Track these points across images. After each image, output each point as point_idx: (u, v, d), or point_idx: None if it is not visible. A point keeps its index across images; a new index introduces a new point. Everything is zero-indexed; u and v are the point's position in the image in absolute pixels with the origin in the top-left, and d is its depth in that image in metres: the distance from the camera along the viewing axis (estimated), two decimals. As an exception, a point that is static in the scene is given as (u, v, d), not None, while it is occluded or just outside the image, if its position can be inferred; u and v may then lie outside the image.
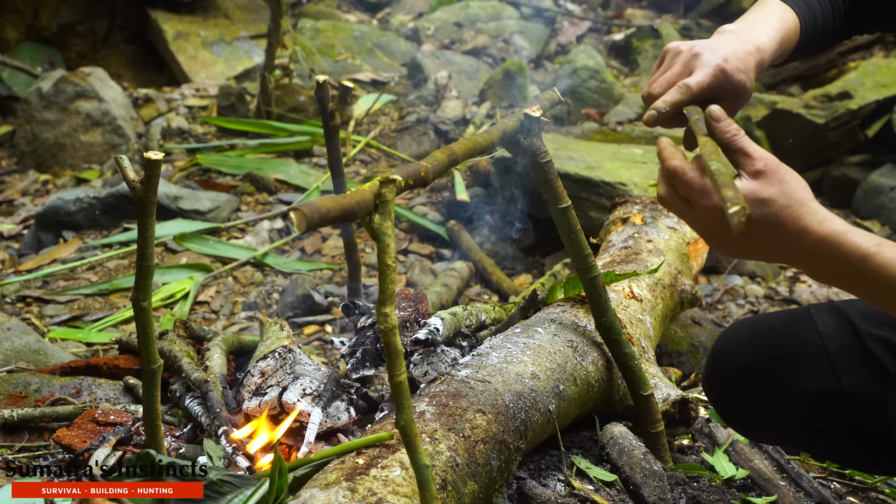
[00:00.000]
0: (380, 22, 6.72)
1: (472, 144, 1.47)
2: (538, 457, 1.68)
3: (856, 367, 1.38)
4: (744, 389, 1.48)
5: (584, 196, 3.56)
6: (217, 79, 5.57)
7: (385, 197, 1.12)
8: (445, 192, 4.13)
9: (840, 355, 1.39)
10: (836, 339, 1.40)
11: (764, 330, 1.53)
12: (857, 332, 1.40)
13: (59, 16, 6.13)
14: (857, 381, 1.37)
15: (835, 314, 1.44)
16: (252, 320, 3.17)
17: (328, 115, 2.02)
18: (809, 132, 4.47)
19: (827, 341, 1.41)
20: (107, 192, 3.88)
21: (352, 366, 1.72)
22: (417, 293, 1.81)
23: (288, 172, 4.25)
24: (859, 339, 1.39)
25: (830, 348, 1.40)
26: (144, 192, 1.23)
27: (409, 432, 1.13)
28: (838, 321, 1.43)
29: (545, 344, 1.71)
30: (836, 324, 1.43)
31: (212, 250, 3.65)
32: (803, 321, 1.45)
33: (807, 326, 1.44)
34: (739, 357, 1.51)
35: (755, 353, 1.49)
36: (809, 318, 1.45)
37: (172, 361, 1.86)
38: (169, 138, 4.67)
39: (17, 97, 5.16)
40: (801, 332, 1.44)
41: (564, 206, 1.63)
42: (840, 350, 1.40)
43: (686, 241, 2.40)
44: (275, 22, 4.50)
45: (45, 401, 1.88)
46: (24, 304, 3.35)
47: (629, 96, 5.06)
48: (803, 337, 1.43)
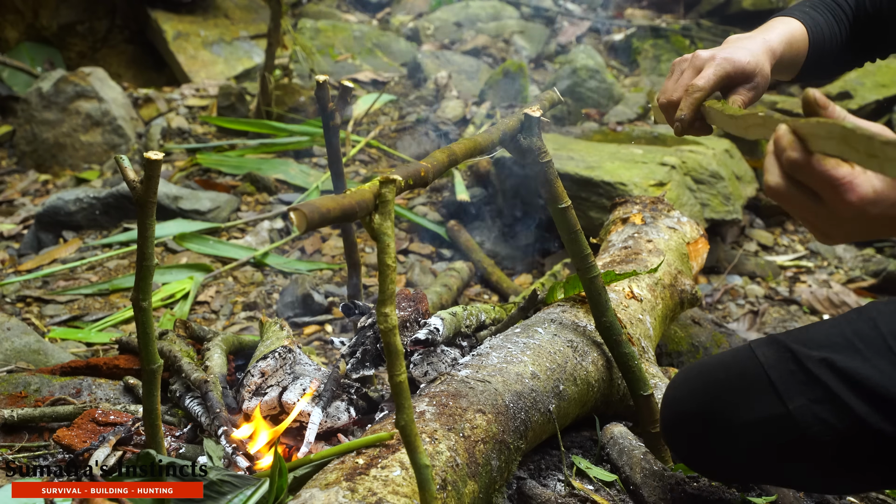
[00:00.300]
0: (380, 22, 6.72)
1: (472, 144, 1.47)
2: (538, 457, 1.68)
3: (799, 390, 1.42)
4: (698, 432, 1.53)
5: (584, 196, 3.56)
6: (217, 79, 5.57)
7: (385, 197, 1.12)
8: (445, 192, 4.13)
9: (782, 381, 1.45)
10: (777, 368, 1.46)
11: (709, 370, 1.58)
12: (796, 358, 1.45)
13: (59, 16, 6.13)
14: (802, 402, 1.41)
15: (774, 345, 1.50)
16: (252, 320, 3.17)
17: (328, 115, 2.02)
18: (809, 132, 4.47)
19: (769, 370, 1.46)
20: (107, 192, 3.88)
21: (352, 366, 1.72)
22: (417, 293, 1.81)
23: (288, 172, 4.25)
24: (799, 363, 1.44)
25: (773, 376, 1.45)
26: (144, 192, 1.23)
27: (409, 432, 1.13)
28: (777, 350, 1.48)
29: (545, 344, 1.71)
30: (776, 353, 1.48)
31: (212, 250, 3.65)
32: (745, 357, 1.51)
33: (749, 361, 1.49)
34: (689, 400, 1.56)
35: (702, 394, 1.54)
36: (751, 352, 1.50)
37: (172, 361, 1.86)
38: (169, 138, 4.67)
39: (17, 97, 5.16)
40: (744, 367, 1.49)
41: (564, 206, 1.63)
42: (782, 377, 1.45)
43: (686, 241, 2.40)
44: (275, 22, 4.50)
45: (45, 401, 1.88)
46: (24, 304, 3.35)
47: (629, 96, 5.06)
48: (746, 370, 1.48)
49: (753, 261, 3.87)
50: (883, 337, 1.43)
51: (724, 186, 3.81)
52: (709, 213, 3.72)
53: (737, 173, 4.06)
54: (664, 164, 3.72)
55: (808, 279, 3.81)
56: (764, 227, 4.23)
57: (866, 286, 3.73)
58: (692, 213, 3.56)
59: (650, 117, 4.89)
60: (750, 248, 4.04)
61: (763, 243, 4.09)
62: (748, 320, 3.46)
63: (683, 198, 3.61)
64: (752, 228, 4.18)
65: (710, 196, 3.77)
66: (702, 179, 3.80)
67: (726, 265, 3.82)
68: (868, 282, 3.76)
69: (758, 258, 3.93)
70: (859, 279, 3.80)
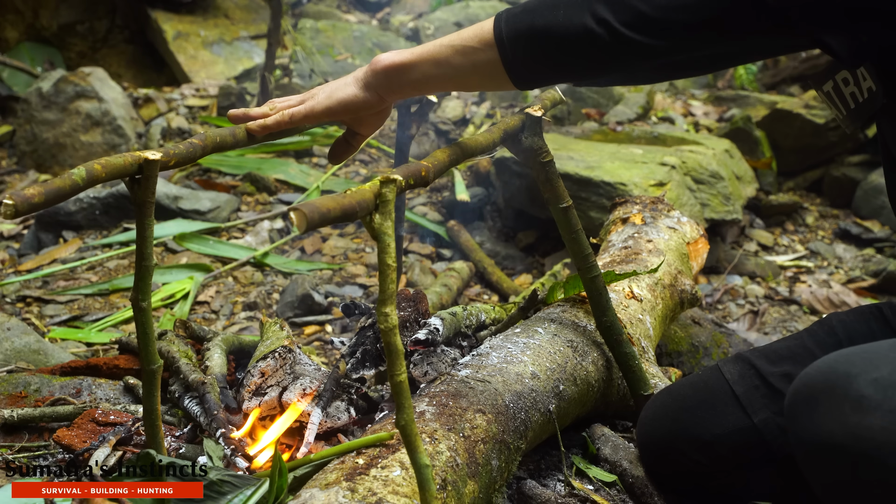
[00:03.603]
0: (380, 22, 6.72)
1: (472, 144, 1.47)
2: (538, 457, 1.68)
3: (763, 403, 1.50)
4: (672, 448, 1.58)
5: (584, 196, 3.56)
6: (217, 79, 5.57)
7: (385, 197, 1.12)
8: (445, 192, 4.13)
9: (747, 396, 1.52)
10: (741, 383, 1.53)
11: (678, 390, 1.64)
12: (760, 374, 1.52)
13: (59, 16, 6.13)
14: (766, 415, 1.49)
15: (739, 362, 1.57)
16: (252, 320, 3.17)
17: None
18: (809, 132, 4.47)
19: (734, 386, 1.52)
20: (107, 192, 3.88)
21: (352, 366, 1.72)
22: (417, 293, 1.81)
23: (288, 172, 4.25)
24: (763, 378, 1.52)
25: (738, 391, 1.52)
26: (143, 192, 1.22)
27: (409, 432, 1.13)
28: (742, 366, 1.55)
29: (545, 344, 1.70)
30: (741, 369, 1.55)
31: (212, 250, 3.65)
32: (713, 375, 1.58)
33: (716, 379, 1.56)
34: (662, 419, 1.62)
35: (674, 412, 1.60)
36: (717, 371, 1.57)
37: (171, 362, 1.86)
38: (169, 138, 4.67)
39: (17, 97, 5.15)
40: (712, 385, 1.56)
41: (565, 206, 1.63)
42: (747, 391, 1.52)
43: (686, 241, 2.40)
44: (275, 22, 4.50)
45: (45, 401, 1.88)
46: (24, 304, 3.35)
47: (629, 96, 5.06)
48: (714, 388, 1.55)
49: (753, 261, 3.88)
50: (840, 343, 1.52)
51: (724, 186, 3.81)
52: (709, 213, 3.72)
53: (737, 173, 4.06)
54: (664, 164, 3.72)
55: (808, 279, 3.81)
56: (764, 227, 4.23)
57: (866, 286, 3.73)
58: (692, 213, 3.56)
59: (650, 117, 4.88)
60: (750, 248, 4.04)
61: (763, 243, 4.09)
62: (748, 320, 3.46)
63: (683, 198, 3.61)
64: (752, 228, 4.18)
65: (710, 196, 3.77)
66: (702, 179, 3.80)
67: (726, 265, 3.82)
68: (868, 282, 3.76)
69: (758, 258, 3.93)
70: (859, 279, 3.80)
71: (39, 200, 1.04)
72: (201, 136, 1.35)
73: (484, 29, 1.37)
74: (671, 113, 5.00)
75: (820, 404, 1.18)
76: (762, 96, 5.08)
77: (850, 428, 1.12)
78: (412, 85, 1.41)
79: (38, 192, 1.04)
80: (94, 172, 1.13)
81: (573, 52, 1.33)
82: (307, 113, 1.44)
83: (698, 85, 5.58)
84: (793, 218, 4.31)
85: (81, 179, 1.11)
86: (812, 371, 1.22)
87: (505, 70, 1.36)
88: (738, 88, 5.32)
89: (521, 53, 1.35)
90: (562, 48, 1.32)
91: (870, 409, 1.11)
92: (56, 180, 1.08)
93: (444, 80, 1.41)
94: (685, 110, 5.14)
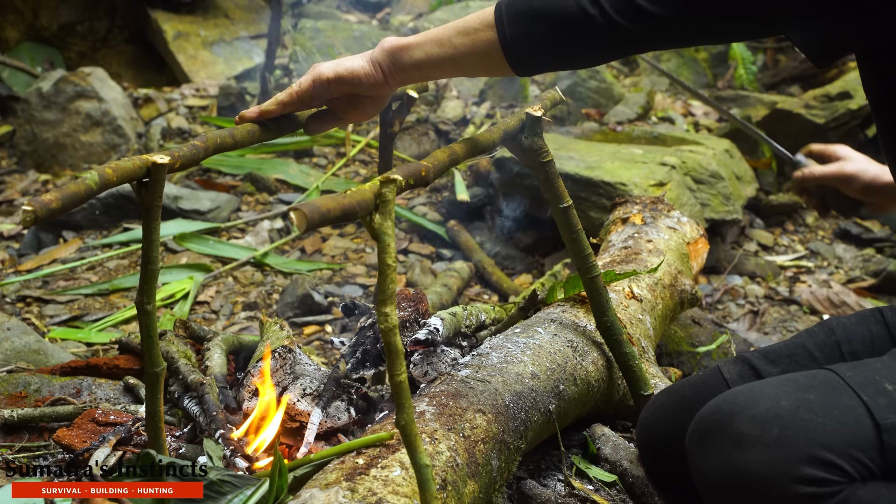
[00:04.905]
0: (380, 22, 6.72)
1: (473, 144, 1.47)
2: (538, 457, 1.68)
3: None
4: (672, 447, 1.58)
5: (584, 196, 3.56)
6: (217, 79, 5.57)
7: (385, 197, 1.12)
8: (445, 192, 4.13)
9: None
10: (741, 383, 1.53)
11: (678, 390, 1.66)
12: (759, 374, 1.55)
13: (59, 16, 6.13)
14: None
15: (739, 362, 1.60)
16: (252, 320, 3.17)
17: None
18: (809, 132, 4.47)
19: (732, 385, 1.54)
20: (107, 192, 3.88)
21: (352, 366, 1.72)
22: (417, 293, 1.81)
23: (288, 172, 4.25)
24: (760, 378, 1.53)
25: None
26: (150, 196, 1.22)
27: (409, 432, 1.13)
28: (742, 367, 1.59)
29: (545, 344, 1.70)
30: (740, 369, 1.58)
31: (212, 250, 3.65)
32: (712, 375, 1.60)
33: (715, 378, 1.59)
34: (661, 418, 1.63)
35: (672, 411, 1.61)
36: (717, 371, 1.60)
37: (170, 363, 1.86)
38: (169, 138, 4.67)
39: (17, 97, 5.15)
40: (711, 384, 1.58)
41: (565, 206, 1.63)
42: None
43: (686, 241, 2.40)
44: (275, 22, 4.50)
45: (45, 401, 1.88)
46: (24, 304, 3.35)
47: (629, 96, 5.06)
48: (713, 387, 1.56)
49: (753, 261, 3.87)
50: (838, 344, 1.56)
51: (725, 186, 3.81)
52: (709, 213, 3.72)
53: (737, 173, 4.06)
54: (664, 164, 3.72)
55: (808, 279, 3.81)
56: (764, 227, 4.23)
57: (866, 286, 3.72)
58: (692, 213, 3.56)
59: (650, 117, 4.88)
60: (750, 248, 4.04)
61: (763, 243, 4.09)
62: (748, 320, 3.46)
63: (683, 198, 3.61)
64: (752, 228, 4.18)
65: (710, 196, 3.77)
66: (702, 179, 3.79)
67: (726, 265, 3.82)
68: (868, 282, 3.76)
69: (758, 258, 3.93)
70: (859, 279, 3.80)
71: (57, 206, 1.05)
72: (202, 136, 1.35)
73: (487, 11, 1.41)
74: (671, 113, 5.00)
75: (707, 443, 1.27)
76: (762, 96, 5.07)
77: (734, 464, 1.22)
78: (415, 65, 1.43)
79: (56, 197, 1.06)
80: (107, 176, 1.15)
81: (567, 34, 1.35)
82: (314, 77, 1.44)
83: (698, 85, 5.58)
84: (793, 218, 4.31)
85: (95, 184, 1.13)
86: (704, 411, 1.31)
87: (502, 50, 1.39)
88: (738, 88, 5.32)
89: (517, 33, 1.37)
90: (557, 29, 1.35)
91: (748, 446, 1.20)
92: (71, 185, 1.10)
93: (445, 61, 1.43)
94: (685, 110, 5.14)
